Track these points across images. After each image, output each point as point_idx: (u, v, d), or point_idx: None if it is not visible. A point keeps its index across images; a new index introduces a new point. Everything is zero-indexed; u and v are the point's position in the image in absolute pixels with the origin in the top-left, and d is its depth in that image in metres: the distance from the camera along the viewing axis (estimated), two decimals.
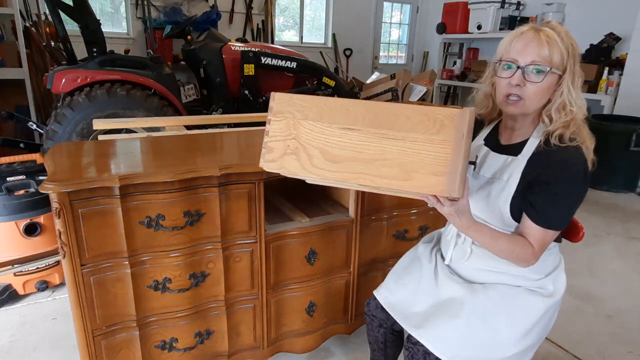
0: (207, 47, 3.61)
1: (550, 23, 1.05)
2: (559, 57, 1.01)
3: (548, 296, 1.13)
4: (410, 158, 0.90)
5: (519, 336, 1.10)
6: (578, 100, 1.05)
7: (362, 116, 0.94)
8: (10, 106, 3.67)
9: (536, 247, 1.05)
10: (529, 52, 1.01)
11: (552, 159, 1.03)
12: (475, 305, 1.12)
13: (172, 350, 1.43)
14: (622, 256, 2.88)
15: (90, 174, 1.22)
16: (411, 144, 0.90)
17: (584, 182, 1.03)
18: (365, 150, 0.94)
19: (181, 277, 1.35)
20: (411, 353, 1.16)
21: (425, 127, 0.88)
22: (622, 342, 2.00)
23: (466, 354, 1.09)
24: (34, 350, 1.81)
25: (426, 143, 0.88)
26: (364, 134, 0.94)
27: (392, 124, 0.92)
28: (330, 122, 0.98)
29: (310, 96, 1.01)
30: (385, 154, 0.92)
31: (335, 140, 0.97)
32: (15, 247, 2.10)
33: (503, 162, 1.11)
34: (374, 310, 1.35)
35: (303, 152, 1.01)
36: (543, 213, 1.04)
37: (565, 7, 5.13)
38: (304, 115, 1.00)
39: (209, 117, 3.14)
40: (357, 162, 0.95)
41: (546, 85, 1.03)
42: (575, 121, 1.05)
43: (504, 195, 1.08)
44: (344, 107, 0.96)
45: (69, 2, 2.98)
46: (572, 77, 1.04)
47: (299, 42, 6.28)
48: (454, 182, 0.86)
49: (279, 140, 1.04)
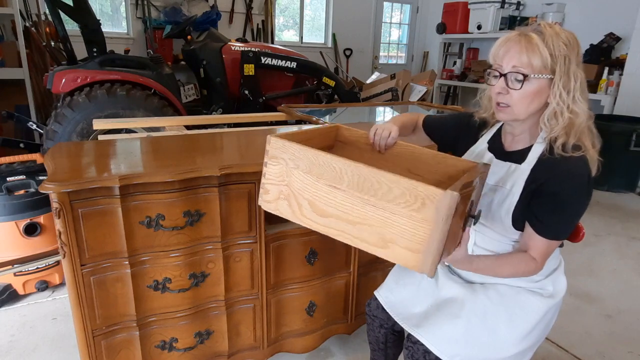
0: (207, 47, 3.61)
1: (540, 25, 1.01)
2: (540, 61, 0.97)
3: (548, 297, 1.13)
4: (389, 229, 0.90)
5: (519, 336, 1.10)
6: (576, 105, 1.00)
7: (349, 177, 0.93)
8: (10, 106, 3.66)
9: (539, 260, 1.06)
10: (510, 57, 1.00)
11: (556, 170, 1.01)
12: (475, 305, 1.12)
13: (172, 350, 1.43)
14: (622, 256, 2.88)
15: (90, 174, 1.22)
16: (392, 215, 0.89)
17: (587, 192, 1.02)
18: (349, 212, 0.94)
19: (181, 277, 1.35)
20: (411, 352, 1.16)
21: (406, 201, 0.87)
22: (622, 342, 2.00)
23: (465, 353, 1.09)
24: (34, 351, 1.81)
25: (406, 218, 0.87)
26: (349, 195, 0.93)
27: (375, 191, 0.91)
28: (318, 177, 0.97)
29: (302, 147, 0.98)
30: (368, 219, 0.92)
31: (322, 195, 0.97)
32: (15, 247, 2.10)
33: (507, 170, 1.09)
34: (375, 310, 1.35)
35: (294, 200, 1.01)
36: (548, 225, 1.03)
37: (565, 7, 5.13)
38: (296, 164, 0.99)
39: (209, 117, 3.13)
40: (341, 221, 0.96)
41: (531, 90, 1.00)
42: (576, 127, 1.01)
43: (506, 204, 1.07)
44: (331, 164, 0.94)
45: (69, 2, 2.98)
46: (567, 80, 0.99)
47: (299, 42, 6.28)
48: (428, 261, 0.86)
49: (274, 184, 1.04)
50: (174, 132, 2.40)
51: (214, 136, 1.84)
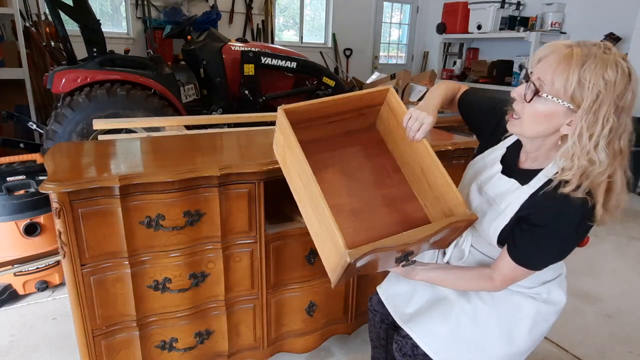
0: (207, 47, 3.61)
1: (596, 46, 0.86)
2: (561, 83, 0.86)
3: (542, 302, 1.12)
4: (321, 235, 1.03)
5: (507, 339, 1.09)
6: (597, 154, 0.86)
7: (304, 185, 1.05)
8: (10, 106, 3.66)
9: (498, 281, 1.04)
10: (542, 65, 0.90)
11: (551, 204, 0.94)
12: (467, 304, 1.13)
13: (172, 350, 1.43)
14: (622, 256, 2.88)
15: (90, 174, 1.22)
16: (322, 232, 1.02)
17: (575, 238, 0.96)
18: (307, 205, 1.06)
19: (181, 277, 1.35)
20: (400, 346, 1.17)
21: (329, 234, 0.97)
22: (622, 342, 2.00)
23: (452, 351, 1.10)
24: (34, 350, 1.81)
25: (329, 243, 0.99)
26: (307, 194, 1.05)
27: (316, 207, 1.01)
28: (293, 165, 1.09)
29: (290, 134, 1.05)
30: (315, 221, 1.05)
31: (297, 179, 1.09)
32: (15, 247, 2.10)
33: (508, 187, 1.04)
34: (376, 305, 1.36)
35: (287, 166, 1.15)
36: (520, 251, 1.00)
37: (565, 7, 5.13)
38: (287, 144, 1.09)
39: (209, 117, 3.14)
40: (306, 207, 1.08)
41: (541, 110, 0.91)
42: (591, 179, 0.88)
43: (495, 224, 1.04)
44: (302, 164, 1.02)
45: (69, 2, 2.98)
46: (592, 120, 0.85)
47: (299, 42, 6.28)
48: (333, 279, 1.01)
49: (279, 145, 1.15)
50: (174, 132, 2.40)
51: (214, 136, 1.84)
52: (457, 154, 1.72)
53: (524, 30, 5.15)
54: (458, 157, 1.74)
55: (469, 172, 1.20)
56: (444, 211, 1.09)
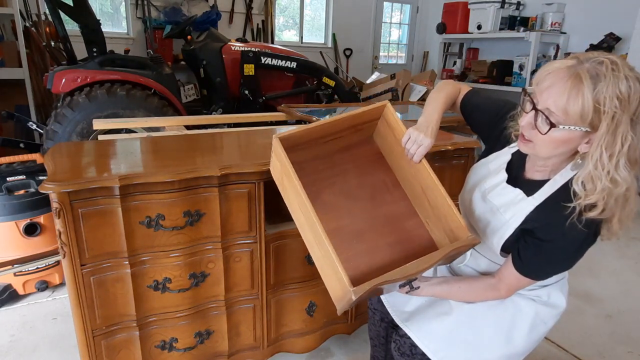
0: (207, 47, 3.61)
1: (601, 63, 0.82)
2: (578, 110, 0.82)
3: (541, 304, 1.12)
4: (322, 263, 1.04)
5: (506, 339, 1.10)
6: (619, 173, 0.84)
7: (303, 214, 1.05)
8: (10, 106, 3.66)
9: (504, 291, 1.06)
10: (549, 94, 0.86)
11: (558, 219, 0.91)
12: (466, 304, 1.13)
13: (172, 350, 1.43)
14: (622, 256, 2.88)
15: (90, 174, 1.22)
16: (324, 259, 1.02)
17: (581, 252, 0.96)
18: (308, 233, 1.06)
19: (181, 277, 1.35)
20: (398, 345, 1.18)
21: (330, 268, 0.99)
22: (622, 342, 2.00)
23: (449, 351, 1.10)
24: (34, 350, 1.81)
25: (331, 272, 1.00)
26: (307, 222, 1.05)
27: (316, 237, 1.01)
28: (289, 192, 1.09)
29: (286, 161, 1.04)
30: (315, 248, 1.06)
31: (296, 206, 1.08)
32: (15, 247, 2.10)
33: (513, 197, 1.03)
34: (376, 303, 1.37)
35: (285, 190, 1.14)
36: (526, 264, 1.00)
37: (565, 7, 5.13)
38: (284, 171, 1.08)
39: (209, 117, 3.14)
40: (305, 231, 1.09)
41: (558, 138, 0.87)
42: (615, 197, 0.86)
43: (499, 234, 1.03)
44: (298, 190, 1.01)
45: (69, 2, 2.98)
46: (611, 141, 0.82)
47: (299, 42, 6.27)
48: (339, 307, 1.02)
49: (277, 170, 1.15)
50: (174, 132, 2.40)
51: (214, 136, 1.84)
52: (457, 154, 1.72)
53: (524, 30, 5.15)
54: (458, 157, 1.74)
55: (472, 177, 1.18)
56: (445, 230, 1.09)
